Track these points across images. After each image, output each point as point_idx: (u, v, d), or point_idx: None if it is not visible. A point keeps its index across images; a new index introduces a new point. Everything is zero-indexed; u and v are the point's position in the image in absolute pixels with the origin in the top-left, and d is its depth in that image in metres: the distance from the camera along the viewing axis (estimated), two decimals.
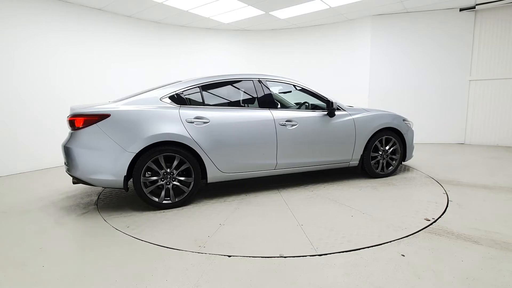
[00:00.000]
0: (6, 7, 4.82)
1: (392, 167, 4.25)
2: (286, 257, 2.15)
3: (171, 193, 3.16)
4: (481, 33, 6.49)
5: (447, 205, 3.11)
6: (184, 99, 3.30)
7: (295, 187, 3.85)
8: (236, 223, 2.77)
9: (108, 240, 2.51)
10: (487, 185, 3.74)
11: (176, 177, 3.16)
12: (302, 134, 3.65)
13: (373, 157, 4.12)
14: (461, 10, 6.47)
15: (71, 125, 3.03)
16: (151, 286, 1.85)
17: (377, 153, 4.14)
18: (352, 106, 4.25)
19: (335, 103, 3.83)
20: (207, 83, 3.46)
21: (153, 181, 3.09)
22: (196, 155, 3.20)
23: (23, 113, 5.10)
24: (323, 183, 3.98)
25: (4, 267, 2.12)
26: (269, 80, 3.75)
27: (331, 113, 3.80)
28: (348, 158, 3.98)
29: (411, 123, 4.45)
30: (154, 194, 3.13)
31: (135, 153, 2.96)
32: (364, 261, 2.07)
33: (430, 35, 6.75)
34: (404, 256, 2.13)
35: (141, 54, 6.75)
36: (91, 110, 2.98)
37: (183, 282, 1.88)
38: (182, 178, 3.18)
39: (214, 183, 3.50)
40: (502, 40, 6.32)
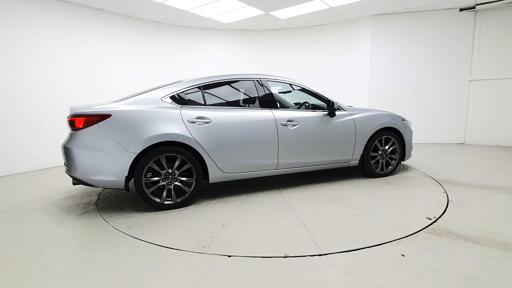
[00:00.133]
0: (6, 7, 4.82)
1: (392, 166, 4.26)
2: (292, 257, 2.15)
3: (172, 193, 3.15)
4: (481, 33, 6.49)
5: (447, 205, 3.11)
6: (185, 99, 3.29)
7: (296, 187, 3.85)
8: (239, 223, 2.77)
9: (108, 240, 2.50)
10: (487, 185, 3.74)
11: (178, 177, 3.15)
12: (303, 134, 3.65)
13: (372, 157, 4.13)
14: (461, 10, 6.47)
15: (71, 125, 3.01)
16: (151, 286, 1.85)
17: (376, 153, 4.15)
18: (352, 106, 4.26)
19: (335, 103, 3.84)
20: (208, 83, 3.45)
21: (154, 182, 3.09)
22: (198, 155, 3.20)
23: (23, 113, 5.09)
24: (323, 183, 3.98)
25: (4, 267, 2.12)
26: (270, 80, 3.75)
27: (332, 113, 3.80)
28: (349, 157, 3.98)
29: (410, 123, 4.46)
30: (155, 194, 3.12)
31: (136, 153, 2.94)
32: (364, 261, 2.07)
33: (430, 35, 6.75)
34: (404, 256, 2.13)
35: (141, 54, 6.75)
36: (92, 110, 2.96)
37: (183, 282, 1.88)
38: (183, 178, 3.18)
39: (216, 183, 3.50)
40: (502, 40, 6.32)
